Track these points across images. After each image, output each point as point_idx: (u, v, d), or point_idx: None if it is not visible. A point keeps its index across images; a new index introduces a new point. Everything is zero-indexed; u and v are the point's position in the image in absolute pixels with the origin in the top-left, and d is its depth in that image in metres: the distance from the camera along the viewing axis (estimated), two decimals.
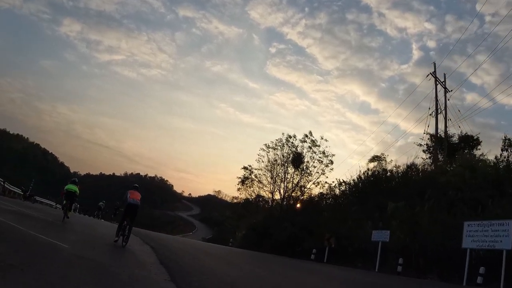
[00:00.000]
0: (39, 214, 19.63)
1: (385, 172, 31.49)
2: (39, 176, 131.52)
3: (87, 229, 18.60)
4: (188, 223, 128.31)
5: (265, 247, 30.49)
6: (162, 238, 23.87)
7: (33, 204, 33.76)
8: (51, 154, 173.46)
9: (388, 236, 20.34)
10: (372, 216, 24.82)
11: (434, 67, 37.12)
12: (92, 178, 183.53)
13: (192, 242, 25.35)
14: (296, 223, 28.65)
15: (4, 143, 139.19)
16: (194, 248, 19.61)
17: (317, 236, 25.50)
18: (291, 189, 38.01)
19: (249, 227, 36.78)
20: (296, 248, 26.79)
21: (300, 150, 38.64)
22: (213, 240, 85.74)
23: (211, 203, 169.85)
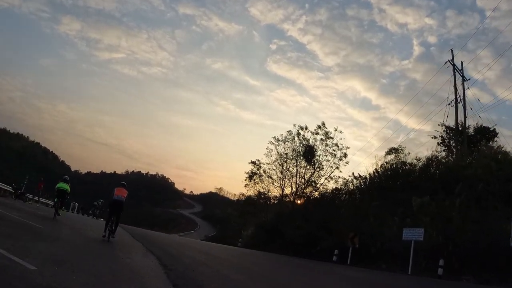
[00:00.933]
0: (19, 216, 16.12)
1: (404, 165, 29.31)
2: (39, 175, 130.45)
3: (72, 235, 14.48)
4: (190, 221, 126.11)
5: (276, 246, 28.27)
6: (166, 242, 21.01)
7: (25, 203, 31.37)
8: (51, 153, 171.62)
9: (422, 234, 18.05)
10: (396, 212, 22.67)
11: (452, 54, 34.83)
12: (93, 177, 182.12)
13: (203, 247, 22.57)
14: (311, 221, 26.29)
15: (4, 142, 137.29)
16: (207, 254, 16.46)
17: (337, 235, 23.16)
18: (303, 184, 35.65)
19: (257, 225, 34.46)
20: (314, 249, 24.39)
21: (312, 143, 36.41)
22: (216, 238, 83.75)
23: (213, 200, 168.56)
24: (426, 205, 21.92)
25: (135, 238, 18.47)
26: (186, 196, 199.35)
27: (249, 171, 38.88)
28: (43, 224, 15.13)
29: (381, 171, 29.66)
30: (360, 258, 21.40)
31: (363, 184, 30.16)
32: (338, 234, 22.93)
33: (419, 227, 18.85)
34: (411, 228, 19.20)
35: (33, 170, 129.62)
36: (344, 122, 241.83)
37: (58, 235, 12.57)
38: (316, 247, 24.19)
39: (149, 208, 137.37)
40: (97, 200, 38.81)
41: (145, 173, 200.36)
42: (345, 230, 22.56)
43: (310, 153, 35.22)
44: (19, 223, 13.86)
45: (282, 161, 36.79)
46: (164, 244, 18.47)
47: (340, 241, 22.49)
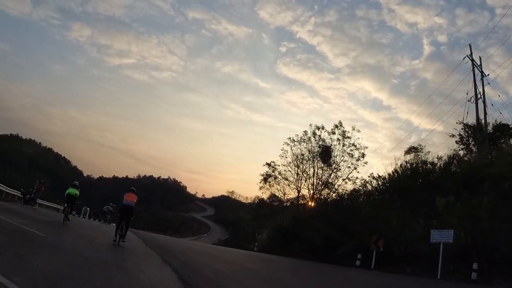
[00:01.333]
0: (20, 222, 14.29)
1: (424, 164, 28.21)
2: (52, 180, 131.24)
3: (78, 243, 12.84)
4: (203, 225, 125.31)
5: (294, 250, 27.30)
6: (181, 249, 19.56)
7: (33, 208, 30.20)
8: (63, 158, 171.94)
9: (452, 236, 17.00)
10: (419, 213, 21.63)
11: (470, 49, 33.71)
12: (106, 181, 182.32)
13: (219, 253, 21.47)
14: (330, 223, 25.25)
15: (16, 148, 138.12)
16: (227, 263, 15.37)
17: (358, 237, 22.12)
18: (320, 186, 34.51)
19: (273, 228, 33.37)
20: (334, 252, 23.36)
21: (328, 143, 35.26)
22: (229, 242, 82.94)
23: (225, 203, 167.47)
24: (451, 205, 20.90)
25: (148, 245, 17.17)
26: (198, 199, 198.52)
27: (264, 173, 38.04)
28: (47, 232, 13.78)
29: (400, 171, 28.60)
30: (382, 262, 20.40)
31: (383, 185, 29.09)
32: (359, 237, 21.90)
33: (446, 228, 17.83)
34: (439, 229, 18.11)
35: (46, 176, 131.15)
36: (355, 123, 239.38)
37: (61, 245, 11.38)
38: (336, 251, 23.16)
39: (161, 211, 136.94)
40: (107, 204, 37.23)
41: (157, 177, 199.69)
42: (367, 233, 21.55)
43: (327, 154, 34.09)
44: (18, 231, 12.27)
45: (298, 162, 35.79)
46: (178, 252, 17.26)
47: (362, 244, 21.49)
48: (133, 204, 15.38)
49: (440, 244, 17.20)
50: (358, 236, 22.03)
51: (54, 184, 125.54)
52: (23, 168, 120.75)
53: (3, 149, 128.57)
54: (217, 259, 16.76)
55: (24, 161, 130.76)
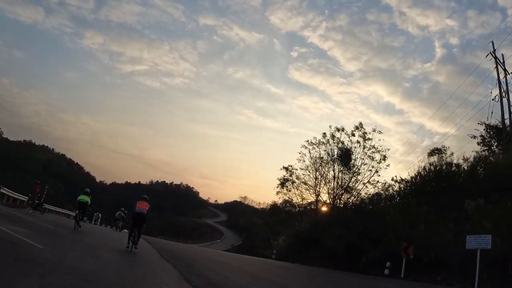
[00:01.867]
0: (14, 231, 12.26)
1: (449, 166, 26.88)
2: (65, 186, 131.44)
3: (81, 258, 10.54)
4: (216, 230, 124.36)
5: (313, 258, 26.12)
6: (200, 260, 17.54)
7: (42, 214, 29.27)
8: (76, 164, 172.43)
9: (490, 242, 15.71)
10: (447, 217, 20.37)
11: (493, 45, 32.32)
12: (118, 187, 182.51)
13: (240, 264, 20.00)
14: (352, 229, 23.96)
15: (29, 154, 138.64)
16: (253, 276, 13.84)
17: (385, 244, 20.79)
18: (339, 190, 33.14)
19: (291, 235, 32.10)
20: (358, 260, 22.07)
21: (348, 145, 33.78)
22: (243, 248, 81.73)
23: (238, 209, 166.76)
24: (481, 208, 19.64)
25: (163, 257, 15.42)
26: (211, 205, 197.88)
27: (281, 178, 36.93)
28: (47, 243, 11.85)
29: (424, 173, 27.29)
30: (411, 270, 19.15)
31: (405, 188, 27.78)
32: (385, 244, 20.63)
33: (480, 233, 16.57)
34: (475, 234, 16.78)
35: (59, 181, 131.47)
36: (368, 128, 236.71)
37: (61, 260, 8.95)
38: (359, 259, 21.86)
39: (174, 217, 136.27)
40: (119, 210, 35.39)
41: (169, 183, 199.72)
42: (394, 239, 20.29)
43: (347, 157, 32.70)
44: (11, 242, 10.13)
45: (317, 165, 34.48)
46: (198, 263, 15.82)
47: (389, 252, 20.22)
48: (145, 211, 15.66)
49: (477, 250, 15.91)
50: (385, 242, 20.73)
51: (67, 190, 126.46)
52: (36, 174, 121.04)
53: (17, 155, 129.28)
54: (240, 271, 15.47)
55: (37, 167, 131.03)
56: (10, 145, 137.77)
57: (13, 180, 72.58)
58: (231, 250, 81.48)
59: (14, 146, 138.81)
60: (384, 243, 20.86)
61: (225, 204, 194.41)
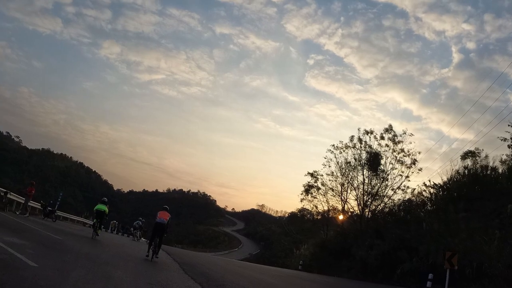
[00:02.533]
0: (11, 243, 10.23)
1: (485, 169, 25.15)
2: (83, 194, 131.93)
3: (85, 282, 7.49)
4: (234, 239, 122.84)
5: (342, 269, 24.46)
6: (228, 275, 15.61)
7: (54, 222, 27.91)
8: (94, 172, 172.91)
9: None
10: (491, 224, 18.70)
11: None
12: (135, 195, 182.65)
13: (279, 281, 18.38)
14: (386, 239, 22.21)
15: (49, 162, 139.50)
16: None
17: (422, 254, 19.03)
18: (368, 197, 31.17)
19: (317, 244, 30.32)
20: (393, 272, 20.31)
21: (377, 149, 31.52)
22: (262, 257, 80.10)
23: (255, 217, 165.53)
24: None
25: (188, 274, 12.56)
26: (228, 213, 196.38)
27: (305, 184, 34.95)
28: (44, 259, 9.34)
29: (458, 177, 25.56)
30: (453, 282, 17.50)
31: (439, 193, 26.03)
32: (423, 254, 18.94)
33: None
34: None
35: (77, 189, 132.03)
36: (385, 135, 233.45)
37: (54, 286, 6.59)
38: (395, 270, 20.15)
39: (191, 225, 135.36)
40: (137, 219, 34.14)
41: (186, 191, 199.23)
42: (433, 249, 18.61)
43: (375, 161, 30.80)
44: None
45: (344, 170, 32.67)
46: (224, 279, 13.25)
47: (429, 262, 18.55)
48: (165, 221, 15.55)
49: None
50: (423, 252, 19.04)
51: (86, 198, 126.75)
52: (55, 182, 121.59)
53: (36, 162, 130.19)
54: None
55: (56, 175, 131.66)
56: (30, 153, 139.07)
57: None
58: (249, 259, 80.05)
59: (33, 154, 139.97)
60: (422, 252, 19.18)
61: (242, 212, 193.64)
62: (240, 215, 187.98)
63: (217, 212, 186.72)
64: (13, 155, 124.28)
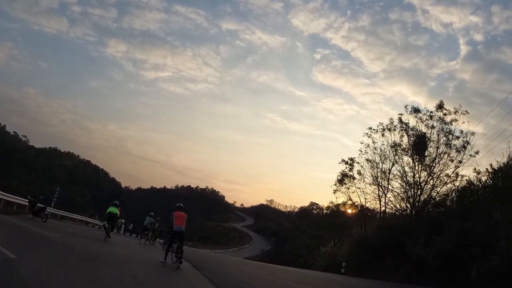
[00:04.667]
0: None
1: None
2: (90, 192, 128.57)
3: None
4: (244, 235, 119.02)
5: (388, 270, 20.41)
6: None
7: (45, 222, 23.43)
8: (102, 170, 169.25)
9: None
10: None
11: None
12: (143, 192, 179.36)
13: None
14: (446, 234, 17.81)
15: (56, 160, 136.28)
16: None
17: (503, 251, 14.71)
18: (415, 186, 26.63)
19: (356, 242, 25.80)
20: (461, 273, 15.80)
21: (421, 130, 27.15)
22: (274, 253, 76.41)
23: (265, 212, 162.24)
24: None
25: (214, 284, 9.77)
26: (237, 209, 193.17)
27: (339, 173, 31.10)
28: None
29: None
30: None
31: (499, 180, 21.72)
32: (504, 251, 14.64)
33: None
34: None
35: (85, 187, 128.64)
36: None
37: None
38: (463, 271, 15.81)
39: (201, 222, 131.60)
40: (149, 215, 26.86)
41: (195, 187, 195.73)
42: None
43: (422, 145, 26.17)
44: None
45: (388, 155, 28.23)
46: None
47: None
48: (184, 229, 13.80)
49: None
50: (504, 248, 14.66)
51: (93, 196, 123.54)
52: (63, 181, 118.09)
53: (44, 161, 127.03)
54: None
55: (64, 174, 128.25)
56: (37, 152, 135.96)
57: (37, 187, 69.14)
58: (261, 255, 76.53)
59: (40, 153, 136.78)
60: (501, 249, 14.78)
61: (251, 208, 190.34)
62: (249, 211, 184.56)
63: (226, 208, 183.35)
64: (21, 155, 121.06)
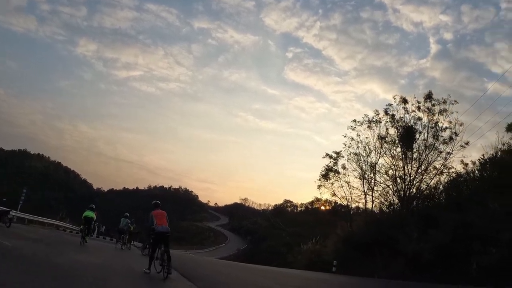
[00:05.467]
0: None
1: None
2: (62, 194, 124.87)
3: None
4: (219, 234, 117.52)
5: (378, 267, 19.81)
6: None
7: (8, 227, 20.67)
8: (73, 172, 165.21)
9: None
10: None
11: None
12: (116, 194, 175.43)
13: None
14: (441, 227, 17.23)
15: (26, 162, 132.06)
16: None
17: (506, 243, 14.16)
18: (404, 179, 26.16)
19: (340, 239, 25.17)
20: (455, 267, 15.20)
21: (409, 122, 26.50)
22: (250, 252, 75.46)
23: (239, 211, 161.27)
24: None
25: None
26: (211, 208, 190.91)
27: (323, 167, 30.13)
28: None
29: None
30: None
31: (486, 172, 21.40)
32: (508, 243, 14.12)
33: None
34: None
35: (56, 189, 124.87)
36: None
37: None
38: (459, 265, 15.23)
39: (175, 222, 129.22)
40: (124, 216, 23.87)
41: (168, 187, 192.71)
42: None
43: (409, 137, 25.60)
44: None
45: (369, 151, 27.65)
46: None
47: None
48: (169, 228, 11.64)
49: None
50: (507, 240, 14.12)
51: (65, 198, 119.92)
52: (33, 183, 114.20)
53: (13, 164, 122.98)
54: None
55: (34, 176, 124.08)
56: (6, 155, 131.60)
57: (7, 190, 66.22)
58: (237, 254, 75.51)
59: (9, 156, 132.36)
60: (503, 241, 14.24)
61: (225, 206, 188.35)
62: (224, 210, 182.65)
63: (200, 207, 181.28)
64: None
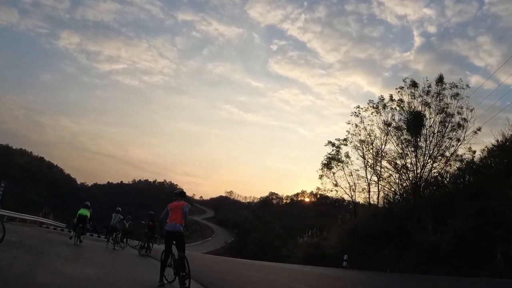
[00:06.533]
0: None
1: None
2: (46, 190, 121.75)
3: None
4: (205, 228, 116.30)
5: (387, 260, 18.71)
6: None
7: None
8: (56, 167, 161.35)
9: None
10: None
11: None
12: (100, 188, 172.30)
13: None
14: (458, 216, 16.00)
15: (8, 157, 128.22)
16: None
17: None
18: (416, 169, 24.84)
19: (345, 231, 23.95)
20: (490, 257, 14.10)
21: (416, 107, 25.33)
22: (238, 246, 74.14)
23: (225, 204, 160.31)
24: None
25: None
26: (196, 201, 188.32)
27: (325, 156, 28.92)
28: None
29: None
30: None
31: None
32: None
33: None
34: None
35: (39, 185, 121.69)
36: (348, 118, 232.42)
37: None
38: (492, 254, 14.01)
39: (159, 216, 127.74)
40: (116, 211, 21.09)
41: (152, 181, 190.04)
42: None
43: (417, 124, 24.46)
44: None
45: (374, 138, 26.45)
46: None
47: None
48: (180, 226, 8.83)
49: None
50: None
51: (49, 193, 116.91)
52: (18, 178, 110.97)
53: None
54: None
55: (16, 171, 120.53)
56: None
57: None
58: (225, 248, 74.42)
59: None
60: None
61: (210, 200, 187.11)
62: (209, 203, 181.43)
63: (186, 201, 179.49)
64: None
